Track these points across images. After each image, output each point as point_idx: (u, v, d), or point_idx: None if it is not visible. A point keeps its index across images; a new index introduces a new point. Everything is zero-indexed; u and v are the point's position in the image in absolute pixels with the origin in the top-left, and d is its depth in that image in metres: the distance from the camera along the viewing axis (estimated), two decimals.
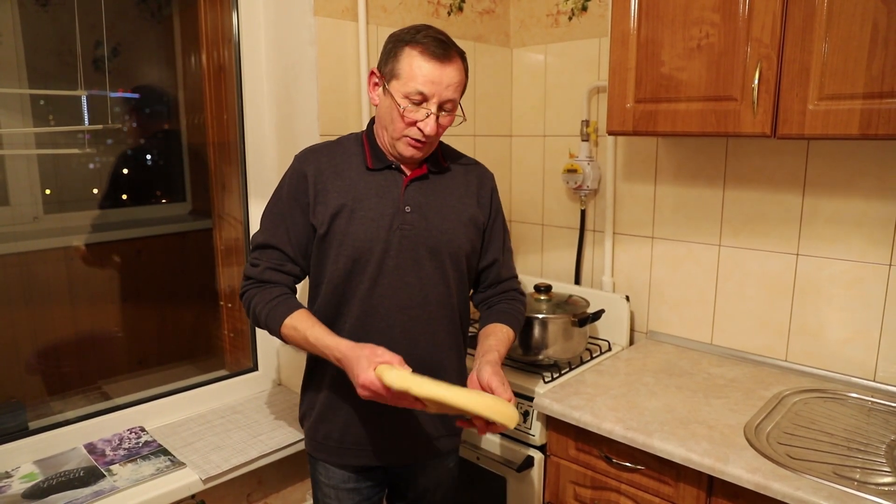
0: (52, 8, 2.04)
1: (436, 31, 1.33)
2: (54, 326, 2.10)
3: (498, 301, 1.55)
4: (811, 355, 1.80)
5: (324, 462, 1.47)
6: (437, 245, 1.40)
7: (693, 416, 1.54)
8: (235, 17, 1.87)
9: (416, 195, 1.40)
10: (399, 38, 1.33)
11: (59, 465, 1.53)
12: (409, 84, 1.29)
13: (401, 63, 1.30)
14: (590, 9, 2.17)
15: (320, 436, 1.45)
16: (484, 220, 1.50)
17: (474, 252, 1.49)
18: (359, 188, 1.37)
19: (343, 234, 1.35)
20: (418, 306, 1.39)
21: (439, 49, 1.29)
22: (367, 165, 1.40)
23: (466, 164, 1.53)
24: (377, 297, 1.37)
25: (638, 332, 2.17)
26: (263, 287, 1.38)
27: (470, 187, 1.49)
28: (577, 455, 1.65)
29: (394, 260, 1.36)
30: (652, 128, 1.69)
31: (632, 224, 2.14)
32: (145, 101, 2.27)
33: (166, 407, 1.81)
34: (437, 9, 2.11)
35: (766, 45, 1.46)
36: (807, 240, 1.77)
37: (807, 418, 1.53)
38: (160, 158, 2.39)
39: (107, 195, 2.25)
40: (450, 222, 1.42)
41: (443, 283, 1.42)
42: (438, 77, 1.29)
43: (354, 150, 1.43)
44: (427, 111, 1.31)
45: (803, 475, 1.26)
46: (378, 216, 1.36)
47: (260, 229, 1.43)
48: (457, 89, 1.34)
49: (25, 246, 2.06)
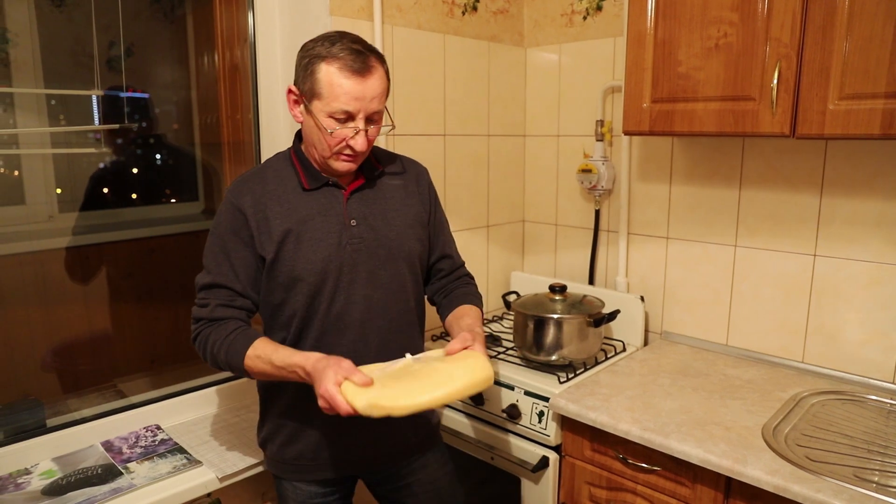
0: (66, 9, 2.06)
1: (350, 38, 1.27)
2: (69, 324, 2.12)
3: (454, 287, 1.56)
4: (829, 357, 1.78)
5: (293, 481, 1.45)
6: (389, 253, 1.38)
7: (710, 418, 1.53)
8: (251, 16, 1.87)
9: (359, 206, 1.38)
10: (313, 52, 1.26)
11: (77, 462, 1.54)
12: (332, 104, 1.25)
13: (319, 82, 1.25)
14: (605, 8, 2.16)
15: (290, 457, 1.43)
16: (426, 216, 1.50)
17: (424, 251, 1.49)
18: (300, 211, 1.34)
19: (293, 259, 1.31)
20: (379, 317, 1.38)
21: (358, 62, 1.24)
22: (303, 186, 1.36)
23: (400, 164, 1.51)
24: (335, 315, 1.35)
25: (652, 332, 2.16)
26: (216, 325, 1.32)
27: (409, 186, 1.48)
28: (593, 456, 1.65)
29: (348, 276, 1.34)
30: (668, 128, 1.68)
31: (646, 224, 2.14)
32: (158, 100, 2.28)
33: (181, 405, 1.82)
34: (452, 8, 2.11)
35: (785, 44, 1.45)
36: (824, 240, 1.76)
37: (825, 420, 1.52)
38: (173, 158, 2.40)
39: (120, 194, 2.26)
40: (397, 227, 1.41)
41: (401, 289, 1.41)
42: (361, 92, 1.25)
43: (287, 173, 1.38)
44: (355, 128, 1.27)
45: (823, 477, 1.25)
46: (325, 235, 1.33)
47: (204, 271, 1.36)
48: (381, 99, 1.30)
49: (40, 245, 2.07)
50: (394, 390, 1.13)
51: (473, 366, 1.19)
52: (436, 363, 1.22)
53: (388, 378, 1.18)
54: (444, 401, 1.14)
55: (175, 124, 2.38)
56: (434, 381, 1.15)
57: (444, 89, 2.13)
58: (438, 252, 1.54)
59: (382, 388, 1.13)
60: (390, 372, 1.21)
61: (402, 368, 1.23)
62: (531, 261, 2.54)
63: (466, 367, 1.18)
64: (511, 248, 2.51)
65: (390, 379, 1.17)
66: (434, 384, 1.14)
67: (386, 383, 1.15)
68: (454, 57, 2.15)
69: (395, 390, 1.13)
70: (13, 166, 1.99)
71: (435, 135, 2.12)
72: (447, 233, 1.58)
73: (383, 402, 1.10)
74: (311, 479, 1.44)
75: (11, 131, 1.97)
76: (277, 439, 1.44)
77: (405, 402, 1.10)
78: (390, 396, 1.11)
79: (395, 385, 1.14)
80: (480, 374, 1.17)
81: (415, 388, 1.13)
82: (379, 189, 1.43)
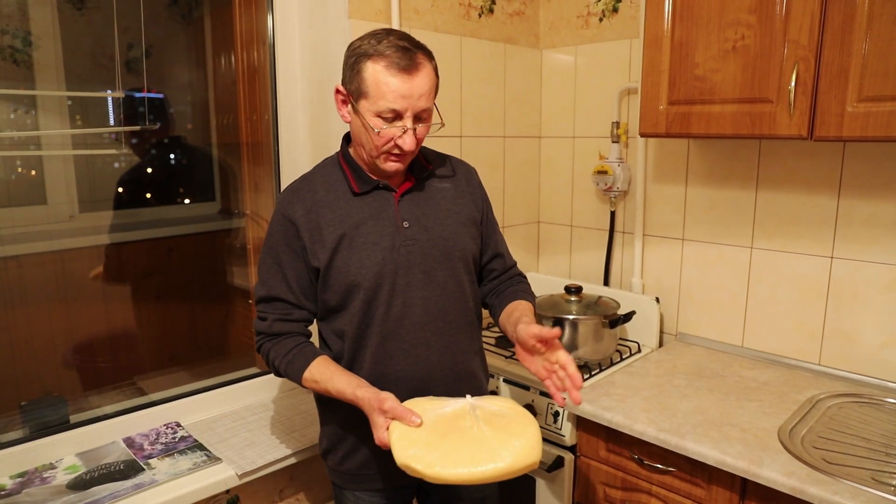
0: (87, 11, 2.09)
1: (397, 35, 1.24)
2: (89, 322, 2.15)
3: (506, 287, 1.53)
4: (846, 359, 1.78)
5: (355, 491, 1.44)
6: (443, 253, 1.36)
7: (726, 419, 1.53)
8: (270, 19, 1.90)
9: (411, 208, 1.36)
10: (360, 50, 1.24)
11: (99, 457, 1.57)
12: (380, 103, 1.22)
13: (366, 80, 1.22)
14: (621, 10, 2.16)
15: (353, 467, 1.42)
16: (479, 216, 1.48)
17: (478, 250, 1.47)
18: (352, 216, 1.32)
19: (347, 265, 1.30)
20: (438, 318, 1.36)
21: (405, 59, 1.20)
22: (353, 191, 1.34)
23: (450, 164, 1.49)
24: (395, 320, 1.33)
25: (667, 334, 2.16)
26: (276, 340, 1.34)
27: (460, 186, 1.45)
28: (608, 456, 1.65)
29: (403, 278, 1.32)
30: (685, 130, 1.69)
31: (662, 226, 2.14)
32: (175, 101, 2.31)
33: (200, 403, 1.84)
34: (469, 10, 2.12)
35: (803, 46, 1.45)
36: (842, 242, 1.76)
37: (842, 423, 1.52)
38: (190, 159, 2.43)
39: (139, 195, 2.29)
40: (450, 227, 1.38)
41: (458, 289, 1.39)
42: (408, 90, 1.21)
43: (336, 178, 1.36)
44: (403, 127, 1.24)
45: (841, 480, 1.25)
46: (379, 239, 1.31)
47: (259, 282, 1.37)
48: (430, 96, 1.26)
49: (61, 244, 2.11)
50: (433, 454, 1.09)
51: (521, 449, 1.11)
52: (486, 428, 1.15)
53: (434, 431, 1.14)
54: (481, 481, 1.09)
55: (192, 125, 2.40)
56: (476, 456, 1.09)
57: (460, 91, 2.14)
58: (491, 251, 1.51)
59: (425, 445, 1.11)
60: (440, 419, 1.17)
61: (453, 419, 1.17)
62: (546, 262, 2.55)
63: (514, 450, 1.11)
64: (526, 248, 2.52)
65: (435, 433, 1.13)
66: (475, 460, 1.09)
67: (430, 440, 1.12)
68: (470, 59, 2.16)
69: (434, 455, 1.09)
70: (35, 167, 2.02)
71: (451, 136, 2.14)
72: (498, 232, 1.55)
73: (418, 466, 1.09)
74: (373, 489, 1.43)
75: (35, 133, 2.01)
76: (340, 450, 1.43)
77: (439, 473, 1.08)
78: (428, 462, 1.08)
79: (438, 446, 1.11)
80: (524, 462, 1.10)
81: (452, 458, 1.09)
82: (429, 190, 1.40)
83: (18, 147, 1.99)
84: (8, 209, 1.95)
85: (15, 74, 1.93)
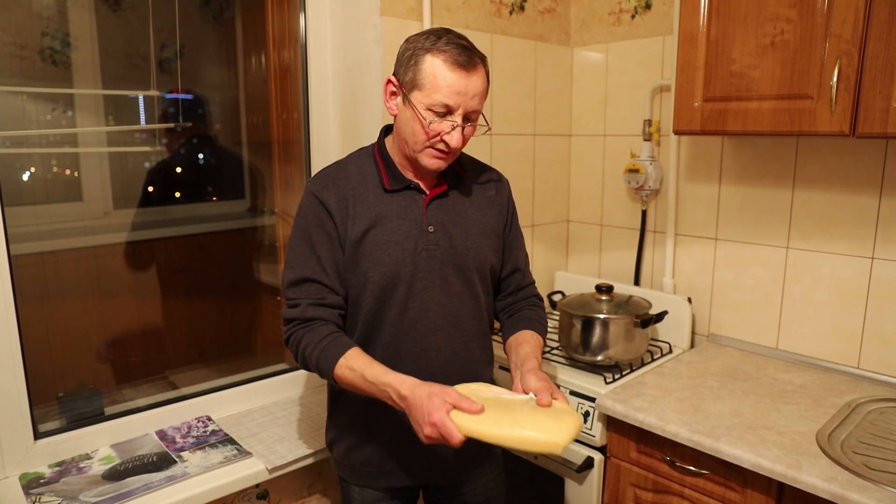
0: (122, 12, 2.12)
1: (457, 35, 1.25)
2: (122, 317, 2.19)
3: (520, 308, 1.51)
4: (887, 363, 1.73)
5: (358, 486, 1.44)
6: (463, 262, 1.35)
7: (761, 422, 1.50)
8: (303, 17, 1.91)
9: (438, 213, 1.35)
10: (419, 44, 1.24)
11: (133, 449, 1.59)
12: (433, 96, 1.22)
13: (423, 72, 1.22)
14: (654, 6, 2.14)
15: (357, 462, 1.42)
16: (503, 228, 1.47)
17: (498, 262, 1.46)
18: (379, 211, 1.31)
19: (369, 260, 1.30)
20: (451, 325, 1.36)
21: (463, 56, 1.21)
22: (384, 187, 1.33)
23: (484, 173, 1.48)
24: (408, 322, 1.32)
25: (699, 334, 2.12)
26: (309, 327, 1.28)
27: (489, 196, 1.45)
28: (639, 457, 1.63)
29: (422, 282, 1.32)
30: (721, 127, 1.66)
31: (694, 225, 2.10)
32: (208, 101, 2.34)
33: (231, 398, 1.86)
34: (500, 8, 2.11)
35: (846, 40, 1.41)
36: (883, 243, 1.71)
37: (884, 428, 1.48)
38: (221, 157, 2.46)
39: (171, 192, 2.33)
40: (474, 237, 1.38)
41: (473, 299, 1.39)
42: (464, 87, 1.22)
43: (369, 172, 1.35)
44: (452, 123, 1.25)
45: (885, 487, 1.22)
46: (402, 239, 1.31)
47: (287, 266, 1.32)
48: (481, 98, 1.27)
49: (95, 240, 2.15)
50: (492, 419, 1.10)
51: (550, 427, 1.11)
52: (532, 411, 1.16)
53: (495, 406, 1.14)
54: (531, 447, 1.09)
55: (222, 124, 2.43)
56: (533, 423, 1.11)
57: (490, 88, 2.13)
58: (511, 265, 1.50)
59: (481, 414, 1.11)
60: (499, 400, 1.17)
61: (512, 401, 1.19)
62: (575, 261, 2.53)
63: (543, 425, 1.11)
64: (556, 247, 2.50)
65: (496, 408, 1.14)
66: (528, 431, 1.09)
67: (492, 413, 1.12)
68: (501, 56, 2.15)
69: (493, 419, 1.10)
70: (71, 165, 2.07)
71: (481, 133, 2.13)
72: (521, 247, 1.53)
73: (484, 427, 1.08)
74: (375, 486, 1.43)
75: (72, 130, 2.05)
76: (344, 442, 1.43)
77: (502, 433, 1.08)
78: (489, 425, 1.09)
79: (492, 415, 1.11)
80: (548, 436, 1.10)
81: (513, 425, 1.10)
82: (459, 197, 1.40)
83: (56, 145, 2.03)
84: (45, 206, 1.99)
85: (54, 75, 1.97)
